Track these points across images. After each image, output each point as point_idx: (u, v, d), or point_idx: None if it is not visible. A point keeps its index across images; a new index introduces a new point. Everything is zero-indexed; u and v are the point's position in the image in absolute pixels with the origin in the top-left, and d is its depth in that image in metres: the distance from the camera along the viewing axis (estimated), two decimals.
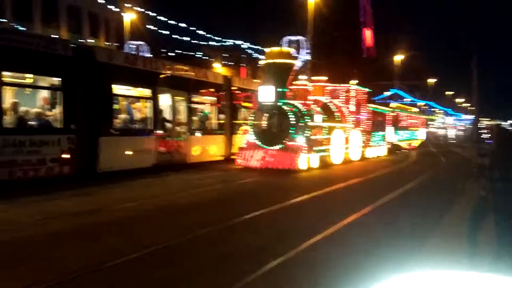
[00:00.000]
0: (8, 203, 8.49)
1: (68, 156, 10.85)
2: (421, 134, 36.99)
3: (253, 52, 46.84)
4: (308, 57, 31.93)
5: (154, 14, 34.47)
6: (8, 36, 9.83)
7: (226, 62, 51.45)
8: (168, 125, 14.67)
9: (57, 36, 25.43)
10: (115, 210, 8.49)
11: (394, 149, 28.31)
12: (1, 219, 7.28)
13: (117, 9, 38.02)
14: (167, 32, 36.47)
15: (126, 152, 12.73)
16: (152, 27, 36.02)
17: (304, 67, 31.82)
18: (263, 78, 17.56)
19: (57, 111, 11.30)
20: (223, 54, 53.24)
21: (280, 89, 15.96)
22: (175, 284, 4.95)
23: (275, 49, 16.54)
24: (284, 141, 15.76)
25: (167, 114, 14.78)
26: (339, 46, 53.33)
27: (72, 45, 11.68)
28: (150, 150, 13.58)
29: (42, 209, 8.20)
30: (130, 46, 33.48)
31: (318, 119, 17.21)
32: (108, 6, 38.24)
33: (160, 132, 13.97)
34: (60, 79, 11.08)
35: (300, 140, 15.85)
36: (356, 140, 20.57)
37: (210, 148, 16.52)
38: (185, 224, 7.49)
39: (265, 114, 16.54)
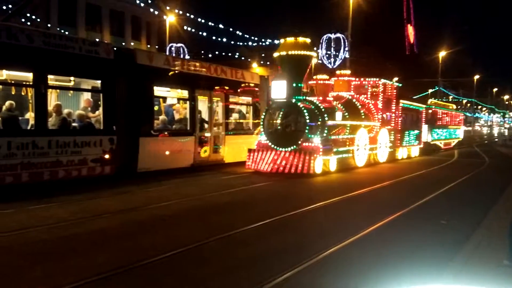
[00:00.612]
0: (51, 202, 8.83)
1: (109, 156, 11.18)
2: (460, 133, 34.48)
3: None
4: (347, 55, 31.65)
5: (193, 16, 34.96)
6: (52, 40, 10.19)
7: (264, 62, 51.53)
8: (206, 125, 14.85)
9: (100, 40, 26.24)
10: (152, 209, 8.66)
11: (431, 149, 26.39)
12: (45, 217, 7.57)
13: (157, 12, 38.79)
14: (206, 34, 36.91)
15: (165, 153, 12.99)
16: (191, 29, 36.58)
17: (343, 65, 31.56)
18: (277, 72, 16.34)
19: (99, 112, 11.67)
20: (262, 55, 53.39)
21: (295, 84, 14.38)
22: (210, 282, 4.99)
23: (290, 39, 14.44)
24: (298, 142, 14.17)
25: (205, 115, 14.97)
26: (379, 44, 52.45)
27: (113, 48, 11.99)
28: (188, 151, 13.81)
29: (83, 207, 8.48)
30: (171, 48, 34.22)
31: (339, 117, 15.54)
32: (149, 10, 39.09)
33: (197, 132, 14.19)
34: (102, 81, 11.42)
35: (316, 141, 14.23)
36: (384, 140, 18.77)
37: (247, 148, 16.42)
38: (219, 223, 7.57)
39: (278, 112, 15.00)
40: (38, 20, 29.55)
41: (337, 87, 17.77)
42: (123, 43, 39.32)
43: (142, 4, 38.76)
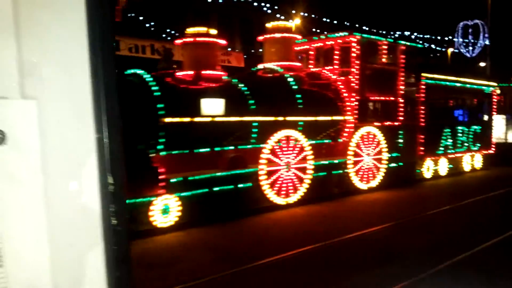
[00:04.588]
0: None
1: None
2: None
3: (423, 42, 44.31)
4: (487, 42, 29.15)
5: (317, 17, 35.13)
6: None
7: None
8: None
9: (231, 49, 27.68)
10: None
11: None
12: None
13: (283, 17, 39.73)
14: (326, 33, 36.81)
15: None
16: (315, 30, 36.75)
17: (483, 53, 29.12)
18: None
19: None
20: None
21: None
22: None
23: None
24: None
25: None
26: None
27: (244, 57, 12.60)
28: None
29: None
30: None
31: (216, 107, 8.31)
32: (275, 15, 40.24)
33: None
34: None
35: None
36: (372, 147, 10.90)
37: None
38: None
39: None
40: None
41: (268, 54, 10.62)
42: (252, 50, 40.96)
43: (269, 11, 40.00)
